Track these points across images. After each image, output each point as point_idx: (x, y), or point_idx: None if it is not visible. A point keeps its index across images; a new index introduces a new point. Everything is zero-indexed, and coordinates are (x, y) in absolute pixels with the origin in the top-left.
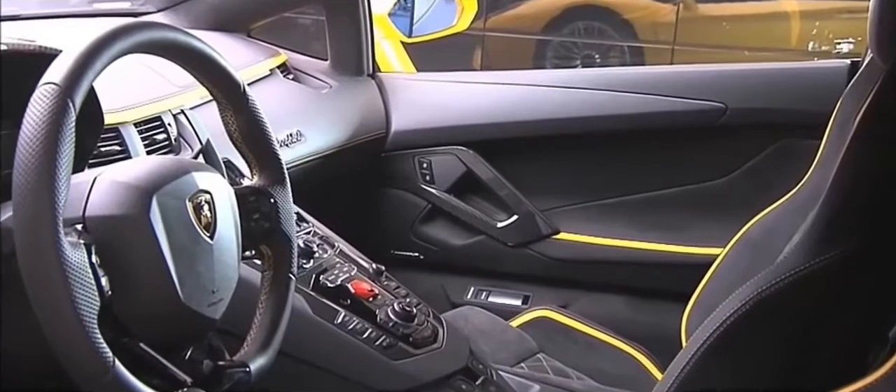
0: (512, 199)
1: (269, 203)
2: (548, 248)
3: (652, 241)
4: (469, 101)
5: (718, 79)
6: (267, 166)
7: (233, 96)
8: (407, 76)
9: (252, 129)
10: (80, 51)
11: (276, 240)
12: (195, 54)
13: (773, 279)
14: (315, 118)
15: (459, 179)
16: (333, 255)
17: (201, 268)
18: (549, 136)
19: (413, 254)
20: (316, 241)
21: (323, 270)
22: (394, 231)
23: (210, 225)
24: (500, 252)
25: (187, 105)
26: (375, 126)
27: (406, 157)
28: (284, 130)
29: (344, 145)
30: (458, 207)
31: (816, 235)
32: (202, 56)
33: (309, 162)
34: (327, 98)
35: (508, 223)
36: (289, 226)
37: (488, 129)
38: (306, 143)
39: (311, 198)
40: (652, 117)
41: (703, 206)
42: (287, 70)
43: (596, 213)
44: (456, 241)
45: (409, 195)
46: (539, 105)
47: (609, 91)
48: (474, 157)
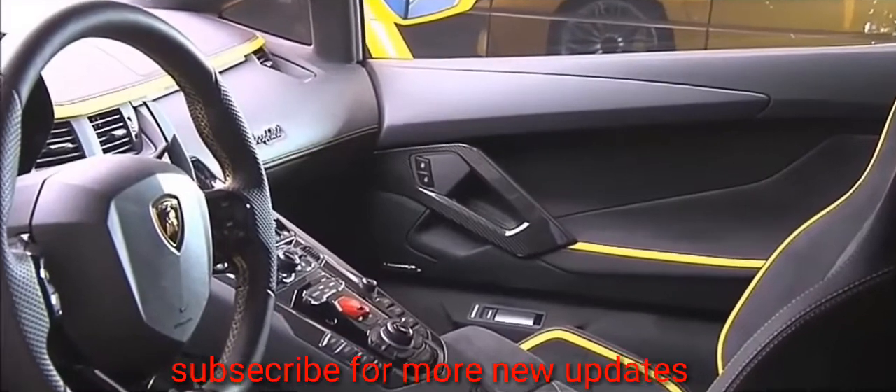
0: (522, 204)
1: (245, 209)
2: (563, 260)
3: (683, 253)
4: (473, 92)
5: (760, 66)
6: (242, 167)
7: (203, 86)
8: (402, 63)
9: (225, 123)
10: (26, 35)
11: (252, 251)
12: (159, 38)
13: (822, 297)
14: (297, 111)
15: (462, 181)
16: (318, 268)
17: (166, 283)
18: (564, 131)
19: (409, 266)
20: (298, 252)
21: (306, 286)
22: (387, 240)
23: (177, 234)
24: (509, 264)
25: (150, 96)
26: (366, 120)
27: (401, 156)
28: (262, 125)
29: (330, 142)
30: (461, 213)
31: (874, 247)
32: (167, 40)
33: (290, 161)
34: (311, 88)
35: (518, 231)
36: (267, 235)
37: (495, 124)
38: (287, 140)
39: (293, 203)
40: (683, 110)
41: (742, 212)
42: (265, 56)
43: (618, 220)
44: (458, 252)
45: (405, 199)
46: (553, 96)
47: (634, 80)
48: (479, 155)
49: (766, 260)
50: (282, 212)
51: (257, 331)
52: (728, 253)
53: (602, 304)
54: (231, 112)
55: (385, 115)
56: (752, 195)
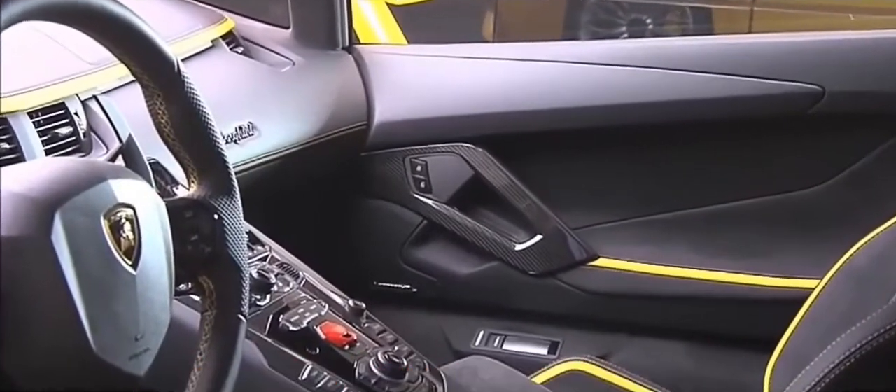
0: (535, 214)
1: (212, 220)
2: (583, 279)
3: (722, 270)
4: (478, 83)
5: (813, 52)
6: (209, 171)
7: (163, 77)
8: (395, 49)
9: (189, 120)
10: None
11: (220, 269)
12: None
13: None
14: (272, 105)
15: (465, 187)
16: (297, 289)
17: (120, 307)
18: (584, 129)
19: (403, 286)
20: (274, 269)
21: (283, 309)
22: (378, 256)
23: (132, 250)
24: (520, 283)
25: (101, 88)
26: (353, 116)
27: (394, 158)
28: (232, 122)
29: (311, 141)
30: (464, 224)
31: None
32: (120, 23)
33: (265, 164)
34: (288, 78)
35: (530, 245)
36: (238, 250)
37: (503, 121)
38: (261, 139)
39: (269, 212)
40: (722, 104)
41: (792, 223)
42: (235, 41)
43: (647, 232)
44: (460, 269)
45: (398, 208)
46: (571, 88)
47: (665, 70)
48: (484, 157)
49: (821, 279)
50: (255, 223)
51: (226, 362)
52: (775, 271)
53: (628, 329)
54: (196, 107)
55: (375, 110)
56: (804, 204)
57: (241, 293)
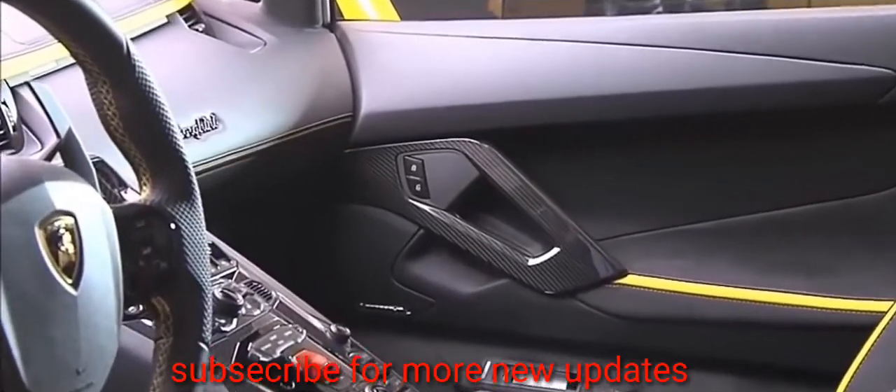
0: (551, 222)
1: (168, 230)
2: (609, 300)
3: (775, 290)
4: (483, 67)
5: (885, 30)
6: (164, 171)
7: (110, 61)
8: (385, 27)
9: (140, 111)
10: None
11: (178, 288)
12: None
13: None
14: (240, 94)
15: (468, 190)
16: (270, 312)
17: (58, 334)
18: (609, 122)
19: (395, 308)
20: (242, 289)
21: (253, 336)
22: (365, 272)
23: (73, 266)
24: (534, 305)
25: (34, 72)
26: (335, 105)
27: (384, 156)
28: (192, 113)
29: (286, 136)
30: (467, 235)
31: None
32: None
33: (231, 163)
34: (259, 61)
35: (546, 260)
36: (198, 266)
37: (514, 111)
38: (226, 134)
39: (236, 221)
40: (774, 92)
41: (858, 234)
42: (195, 17)
43: (685, 244)
44: (463, 288)
45: (390, 215)
46: (594, 73)
47: (707, 51)
48: (491, 154)
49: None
50: (219, 234)
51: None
52: (839, 291)
53: (662, 359)
54: (148, 95)
55: (361, 99)
56: (872, 210)
57: (203, 317)
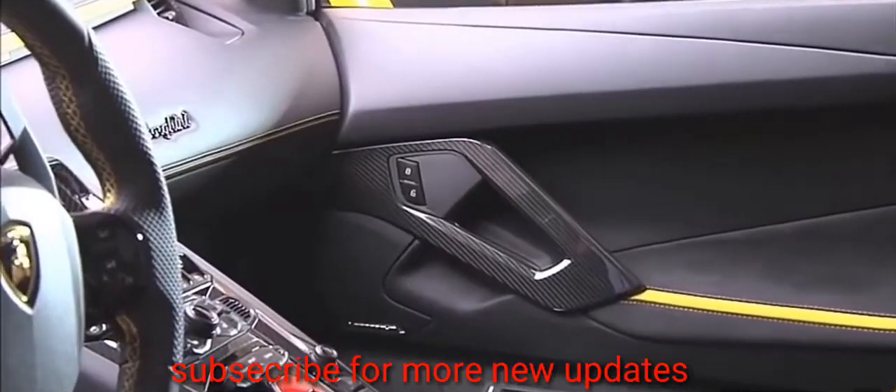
0: (561, 231)
1: (134, 241)
2: (625, 318)
3: (814, 307)
4: (485, 60)
5: None
6: (130, 176)
7: (69, 52)
8: (377, 14)
9: (103, 110)
10: None
11: (145, 306)
12: None
13: None
14: (215, 89)
15: (468, 196)
16: (248, 332)
17: (12, 358)
18: (626, 120)
19: (388, 327)
20: (217, 306)
21: (229, 358)
22: (354, 287)
23: (28, 282)
24: (542, 324)
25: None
26: (322, 102)
27: (375, 158)
28: (162, 111)
29: (266, 136)
30: (467, 245)
31: None
32: None
33: (205, 166)
34: (237, 53)
35: (555, 273)
36: (168, 280)
37: (519, 108)
38: (199, 134)
39: (210, 231)
40: (812, 87)
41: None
42: (165, 4)
43: (710, 255)
44: (463, 305)
45: (381, 224)
46: (610, 66)
47: (738, 41)
48: (493, 156)
49: None
50: (192, 244)
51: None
52: (884, 307)
53: (683, 384)
54: (113, 92)
55: (350, 95)
56: None
57: (173, 337)
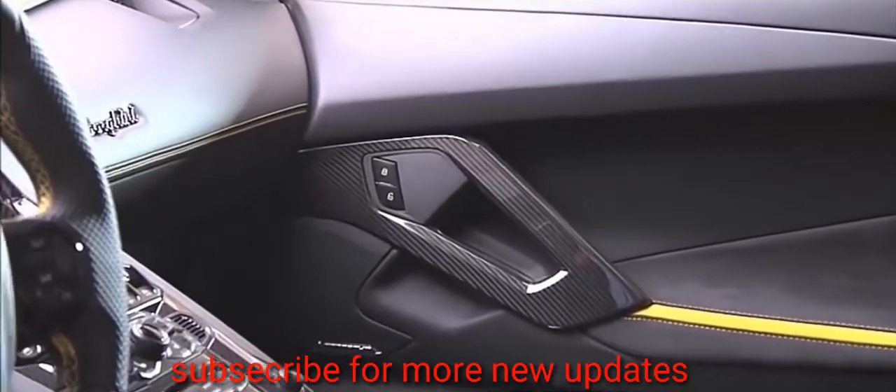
0: (556, 239)
1: (73, 252)
2: (628, 336)
3: (842, 324)
4: (472, 47)
5: None
6: (68, 178)
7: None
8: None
9: (37, 104)
10: None
11: (85, 325)
12: None
13: None
14: (167, 80)
15: (453, 200)
16: (203, 353)
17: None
18: (630, 114)
19: (362, 346)
20: (168, 324)
21: (183, 384)
22: (324, 302)
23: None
24: (534, 343)
25: None
26: (287, 94)
27: (348, 157)
28: (105, 104)
29: (225, 133)
30: (451, 255)
31: None
32: None
33: (154, 167)
34: (191, 39)
35: (550, 286)
36: (111, 296)
37: (510, 101)
38: (148, 130)
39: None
40: (839, 76)
41: None
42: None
43: (724, 266)
44: (447, 322)
45: (355, 231)
46: (612, 54)
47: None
48: (481, 155)
49: None
50: (140, 255)
51: None
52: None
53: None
54: (48, 84)
55: (319, 86)
56: None
57: (117, 360)
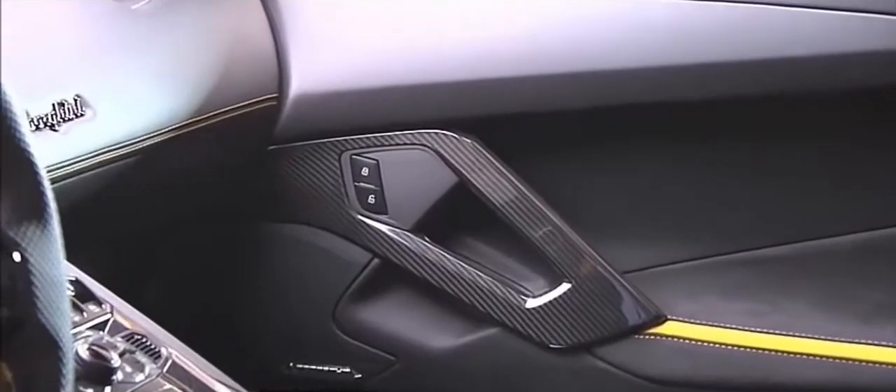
0: (558, 247)
1: (9, 263)
2: (639, 356)
3: (883, 343)
4: (463, 32)
5: None
6: (3, 181)
7: None
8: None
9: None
10: None
11: (24, 345)
12: None
13: None
14: (118, 68)
15: (442, 202)
16: (158, 376)
17: None
18: (640, 106)
19: (339, 369)
20: (119, 344)
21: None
22: (297, 318)
23: None
24: (534, 364)
25: None
26: (255, 83)
27: (323, 154)
28: (47, 96)
29: (184, 127)
30: (441, 266)
31: None
32: None
33: (103, 166)
34: (146, 21)
35: (551, 300)
36: (54, 312)
37: (505, 91)
38: (96, 124)
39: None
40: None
41: None
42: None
43: (748, 277)
44: (436, 341)
45: (332, 238)
46: (617, 39)
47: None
48: (474, 152)
49: None
50: (86, 266)
51: None
52: None
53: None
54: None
55: (291, 74)
56: None
57: (59, 385)
